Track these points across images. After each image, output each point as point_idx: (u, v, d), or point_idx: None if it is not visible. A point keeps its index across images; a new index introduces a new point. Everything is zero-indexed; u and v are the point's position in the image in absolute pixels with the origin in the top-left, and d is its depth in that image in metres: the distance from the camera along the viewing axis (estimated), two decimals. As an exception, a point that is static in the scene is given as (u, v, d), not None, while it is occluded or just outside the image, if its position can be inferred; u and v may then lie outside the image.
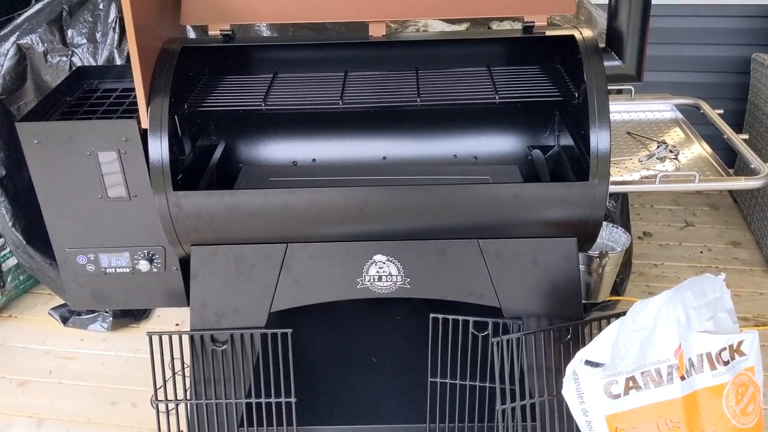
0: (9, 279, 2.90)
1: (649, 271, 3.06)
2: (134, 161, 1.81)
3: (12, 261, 2.88)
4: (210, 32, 1.93)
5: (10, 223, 2.62)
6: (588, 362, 1.62)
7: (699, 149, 2.01)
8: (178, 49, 1.85)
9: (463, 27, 2.58)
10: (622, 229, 2.21)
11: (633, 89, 2.22)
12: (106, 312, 2.80)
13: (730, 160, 2.93)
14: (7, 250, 2.85)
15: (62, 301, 2.88)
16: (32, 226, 2.67)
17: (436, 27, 2.57)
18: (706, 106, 2.14)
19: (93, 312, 2.80)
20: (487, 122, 2.25)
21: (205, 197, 1.79)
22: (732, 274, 3.01)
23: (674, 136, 2.09)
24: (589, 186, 1.74)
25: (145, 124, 1.75)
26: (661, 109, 2.22)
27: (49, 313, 2.88)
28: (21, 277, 2.96)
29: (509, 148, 2.26)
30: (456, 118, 2.24)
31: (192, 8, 1.91)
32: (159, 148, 1.74)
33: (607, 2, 1.89)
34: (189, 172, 1.94)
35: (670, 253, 3.19)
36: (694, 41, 3.56)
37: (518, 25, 2.59)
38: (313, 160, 2.27)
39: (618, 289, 2.71)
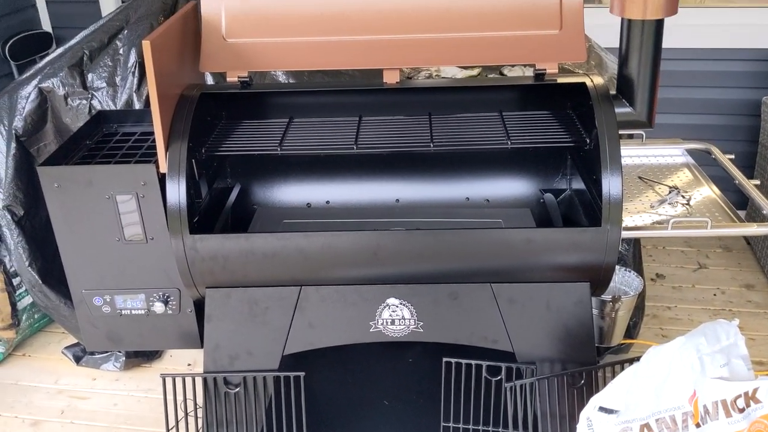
0: (24, 318, 2.92)
1: (663, 314, 3.04)
2: (152, 204, 1.84)
3: (27, 300, 2.91)
4: (228, 78, 1.98)
5: (26, 263, 2.65)
6: (602, 408, 1.61)
7: (710, 194, 2.02)
8: (197, 96, 1.89)
9: (475, 72, 2.62)
10: (635, 273, 2.22)
11: (644, 134, 2.24)
12: (119, 351, 2.81)
13: (742, 201, 2.93)
14: (23, 288, 2.88)
15: (76, 340, 2.90)
16: (48, 266, 2.70)
17: (449, 71, 2.61)
18: (717, 151, 2.15)
19: (106, 351, 2.82)
20: (499, 166, 2.27)
21: (220, 240, 1.81)
22: (746, 317, 2.98)
23: (686, 180, 2.10)
24: (601, 232, 1.75)
25: (163, 168, 1.78)
26: (672, 153, 2.24)
27: (62, 352, 2.89)
28: (36, 316, 2.98)
29: (521, 191, 2.28)
30: (468, 162, 2.27)
31: (211, 56, 1.96)
32: (176, 192, 1.77)
33: (617, 46, 1.92)
34: (205, 214, 1.97)
35: (683, 295, 3.18)
36: (705, 84, 3.59)
37: (530, 70, 2.63)
38: (327, 202, 2.30)
39: (631, 332, 2.69)
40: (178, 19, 1.89)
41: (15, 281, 2.86)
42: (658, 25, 1.80)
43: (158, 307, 1.94)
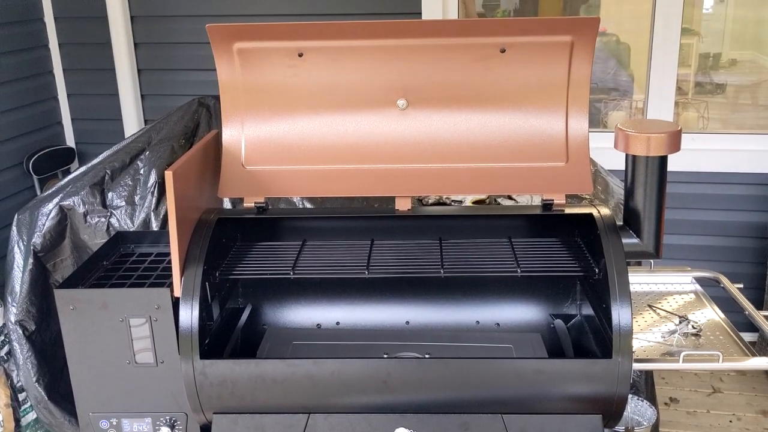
0: (26, 434, 2.88)
1: (679, 441, 2.97)
2: (164, 328, 1.85)
3: (31, 416, 2.88)
4: (245, 204, 2.04)
5: (34, 378, 2.64)
6: None
7: (721, 324, 2.02)
8: (214, 220, 1.95)
9: (483, 196, 2.69)
10: (648, 403, 2.18)
11: (652, 261, 2.27)
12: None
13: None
14: (28, 404, 2.85)
15: (77, 459, 2.84)
16: (54, 382, 2.69)
17: (458, 196, 2.68)
18: (725, 281, 2.17)
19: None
20: (509, 291, 2.29)
21: (230, 366, 1.81)
22: (764, 446, 2.91)
23: (695, 309, 2.11)
24: (612, 363, 1.74)
25: (177, 292, 1.81)
26: (680, 281, 2.26)
27: (62, 472, 2.82)
28: (38, 432, 2.94)
29: (531, 316, 2.28)
30: (478, 286, 2.29)
31: (230, 182, 2.03)
32: (189, 317, 1.79)
33: (622, 168, 1.97)
34: (216, 336, 1.98)
35: (699, 421, 3.11)
36: (710, 207, 3.65)
37: (539, 198, 2.70)
38: (337, 323, 2.30)
39: (646, 461, 2.62)
40: (199, 148, 1.97)
41: (20, 396, 2.84)
42: (662, 160, 1.86)
43: (164, 432, 1.91)
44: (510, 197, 2.72)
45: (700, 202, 3.65)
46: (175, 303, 1.83)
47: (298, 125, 2.06)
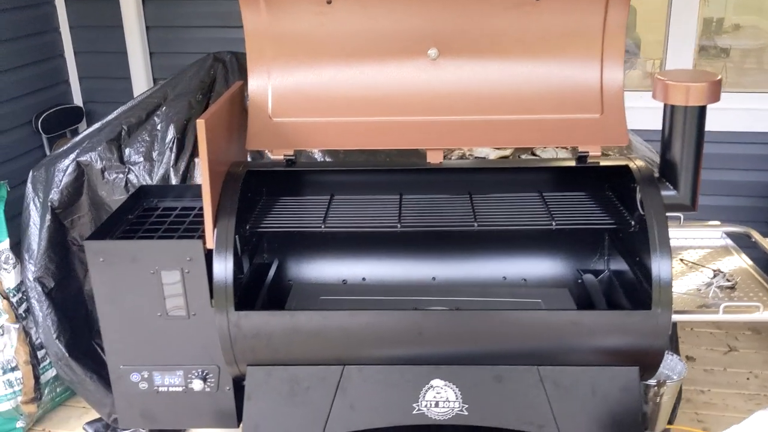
0: (46, 391, 2.87)
1: (697, 398, 2.98)
2: (196, 280, 1.83)
3: (50, 373, 2.87)
4: (273, 156, 2.00)
5: (54, 335, 2.63)
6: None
7: (755, 277, 2.00)
8: (243, 173, 1.91)
9: (508, 152, 2.66)
10: (678, 357, 2.18)
11: (682, 216, 2.24)
12: (142, 429, 2.74)
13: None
14: (47, 362, 2.84)
15: (97, 415, 2.84)
16: (75, 339, 2.68)
17: (483, 151, 2.64)
18: (757, 235, 2.15)
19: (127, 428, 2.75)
20: (537, 245, 2.27)
21: (265, 318, 1.79)
22: (782, 402, 2.92)
23: (728, 263, 2.09)
24: (651, 315, 1.73)
25: (210, 244, 1.79)
26: (710, 236, 2.24)
27: (83, 428, 2.83)
28: (57, 390, 2.93)
29: (558, 271, 2.26)
30: (505, 242, 2.27)
31: (258, 135, 1.99)
32: (224, 268, 1.77)
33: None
34: (246, 290, 1.96)
35: (716, 378, 3.12)
36: (738, 167, 3.59)
37: (563, 152, 2.67)
38: (363, 279, 2.28)
39: (669, 417, 2.63)
40: (226, 99, 1.93)
41: (39, 354, 2.82)
42: (701, 111, 1.83)
43: (196, 384, 1.90)
44: (533, 153, 2.68)
45: (728, 162, 3.59)
46: (207, 255, 1.81)
47: (326, 75, 2.01)
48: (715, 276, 1.98)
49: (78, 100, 4.11)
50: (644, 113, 2.70)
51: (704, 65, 4.14)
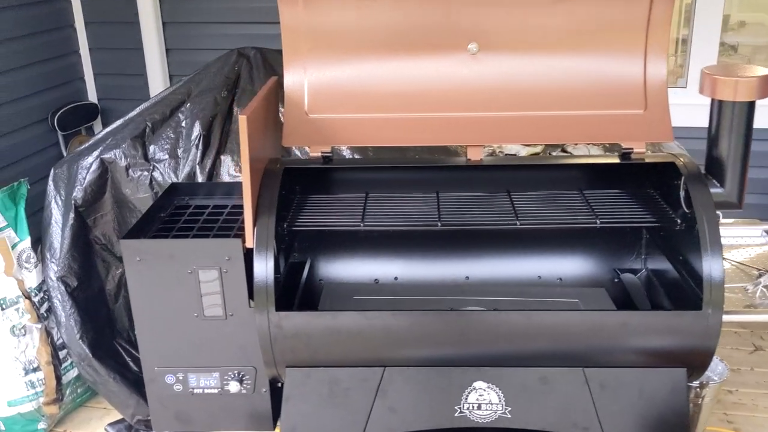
0: (68, 392, 2.83)
1: (725, 398, 2.94)
2: (233, 280, 1.79)
3: (72, 373, 2.83)
4: (311, 153, 1.96)
5: (78, 335, 2.59)
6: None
7: (800, 277, 1.97)
8: (281, 170, 1.87)
9: (538, 149, 2.62)
10: (719, 358, 2.14)
11: (720, 214, 2.20)
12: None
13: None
14: (69, 362, 2.80)
15: (119, 416, 2.80)
16: (98, 339, 2.64)
17: (512, 149, 2.61)
18: (799, 233, 2.12)
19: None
20: (572, 244, 2.23)
21: (306, 318, 1.76)
22: (811, 403, 2.88)
23: (770, 263, 2.06)
24: (702, 315, 1.69)
25: (250, 243, 1.75)
26: (750, 234, 2.20)
27: (105, 429, 2.79)
28: (79, 390, 2.89)
29: (595, 270, 2.23)
30: (539, 240, 2.23)
31: (294, 131, 1.95)
32: (264, 268, 1.73)
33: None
34: (283, 290, 1.92)
35: (743, 378, 3.08)
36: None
37: (595, 149, 2.63)
38: (395, 278, 2.25)
39: (700, 418, 2.59)
40: (263, 95, 1.89)
41: (61, 354, 2.78)
42: (750, 106, 1.79)
43: (233, 386, 1.86)
44: (563, 150, 2.64)
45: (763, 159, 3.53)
46: (246, 254, 1.77)
47: (364, 71, 1.97)
48: (760, 276, 1.94)
49: (93, 97, 4.07)
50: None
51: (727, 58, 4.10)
